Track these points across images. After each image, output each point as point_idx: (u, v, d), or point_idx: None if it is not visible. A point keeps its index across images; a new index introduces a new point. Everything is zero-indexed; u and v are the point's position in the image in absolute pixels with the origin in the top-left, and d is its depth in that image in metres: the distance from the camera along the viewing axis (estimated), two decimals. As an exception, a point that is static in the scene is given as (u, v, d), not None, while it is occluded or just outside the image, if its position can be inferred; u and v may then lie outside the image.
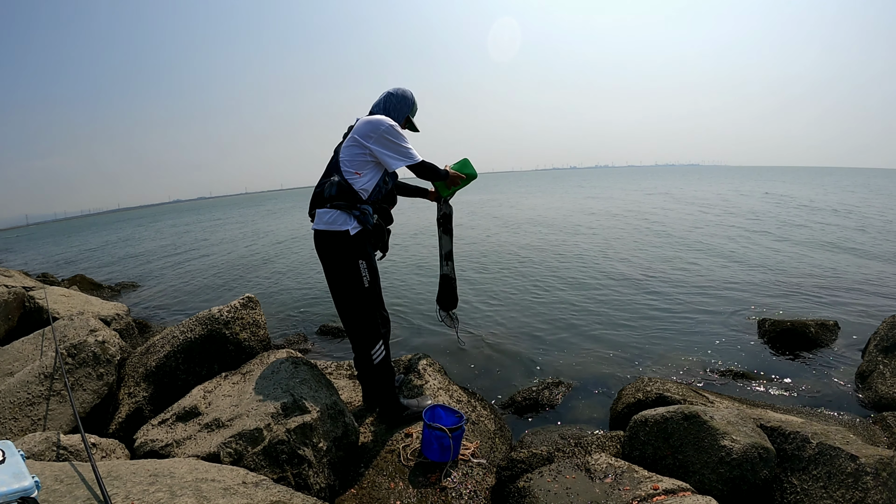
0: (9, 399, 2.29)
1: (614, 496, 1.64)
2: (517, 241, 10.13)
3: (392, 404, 2.28)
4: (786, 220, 11.78)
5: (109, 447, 2.05)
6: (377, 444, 2.17)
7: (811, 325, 3.82)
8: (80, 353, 2.59)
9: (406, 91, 2.26)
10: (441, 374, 2.91)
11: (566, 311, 5.02)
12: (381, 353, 2.21)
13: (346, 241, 2.03)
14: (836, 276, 5.95)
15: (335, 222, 2.03)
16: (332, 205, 2.03)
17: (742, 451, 1.82)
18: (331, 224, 2.03)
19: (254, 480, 1.60)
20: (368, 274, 2.10)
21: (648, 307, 5.00)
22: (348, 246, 2.04)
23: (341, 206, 2.02)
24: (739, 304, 4.96)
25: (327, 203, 2.05)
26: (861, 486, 1.68)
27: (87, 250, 17.07)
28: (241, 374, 2.45)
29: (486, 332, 4.49)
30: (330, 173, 2.10)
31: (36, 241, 28.60)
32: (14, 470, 1.15)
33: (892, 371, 2.89)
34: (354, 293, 2.11)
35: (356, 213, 2.03)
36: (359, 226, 2.04)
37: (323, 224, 2.05)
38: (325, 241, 2.07)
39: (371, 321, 2.16)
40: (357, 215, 2.03)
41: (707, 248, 8.21)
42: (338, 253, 2.06)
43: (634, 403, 2.58)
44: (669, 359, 3.71)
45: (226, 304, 2.86)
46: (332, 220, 2.03)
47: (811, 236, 9.18)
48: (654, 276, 6.33)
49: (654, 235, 9.99)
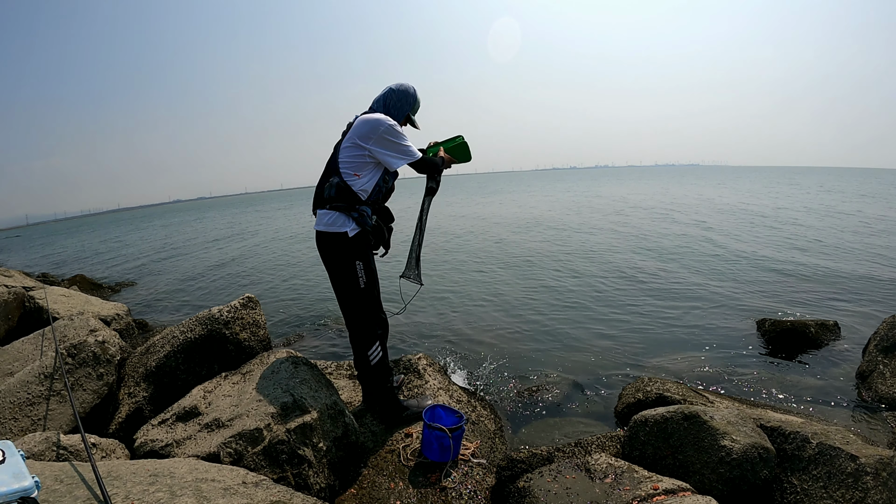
0: (9, 399, 2.29)
1: (614, 496, 1.64)
2: (517, 241, 10.14)
3: (391, 404, 2.28)
4: (786, 221, 11.79)
5: (109, 447, 2.05)
6: (377, 444, 2.17)
7: (811, 325, 3.82)
8: (80, 353, 2.59)
9: (408, 87, 2.19)
10: (441, 374, 2.91)
11: (566, 312, 5.01)
12: (378, 355, 2.21)
13: (345, 243, 2.04)
14: (836, 277, 5.95)
15: (334, 223, 2.03)
16: (332, 206, 2.04)
17: (742, 451, 1.82)
18: (330, 225, 2.04)
19: (254, 480, 1.60)
20: (365, 275, 2.11)
21: (648, 307, 5.00)
22: (346, 247, 2.05)
23: (340, 208, 2.03)
24: (739, 304, 4.96)
25: (327, 204, 2.06)
26: (861, 486, 1.68)
27: (86, 249, 17.08)
28: (241, 374, 2.45)
29: (487, 333, 4.49)
30: (329, 173, 2.10)
31: (36, 241, 28.60)
32: (14, 470, 1.15)
33: (892, 371, 2.89)
34: (351, 294, 2.12)
35: (355, 214, 2.03)
36: (357, 227, 2.05)
37: (323, 225, 2.07)
38: (325, 241, 2.08)
39: (367, 322, 2.17)
40: (356, 217, 2.04)
41: (707, 249, 8.21)
42: (336, 254, 2.08)
43: (634, 403, 2.58)
44: (669, 359, 3.71)
45: (226, 304, 2.86)
46: (331, 222, 2.04)
47: (811, 236, 9.19)
48: (654, 277, 6.33)
49: (654, 235, 9.99)
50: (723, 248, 8.24)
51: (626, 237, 9.93)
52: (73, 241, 23.75)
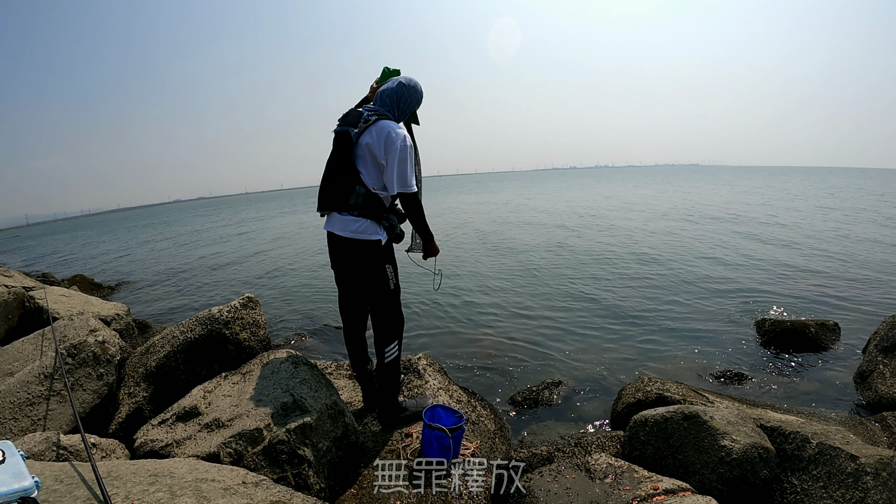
0: (9, 399, 2.29)
1: (614, 496, 1.64)
2: (516, 241, 10.14)
3: (391, 405, 2.28)
4: (785, 221, 11.79)
5: (109, 447, 2.05)
6: (377, 444, 2.17)
7: (811, 325, 3.81)
8: (80, 353, 2.59)
9: (418, 84, 2.20)
10: (441, 374, 2.91)
11: (566, 312, 5.01)
12: (395, 353, 2.24)
13: (377, 250, 2.08)
14: (836, 277, 5.95)
15: (366, 231, 2.05)
16: (361, 213, 2.05)
17: (742, 451, 1.83)
18: (361, 233, 2.05)
19: (254, 480, 1.61)
20: (394, 277, 2.17)
21: (648, 307, 5.00)
22: (379, 254, 2.09)
23: (370, 216, 2.05)
24: (739, 304, 4.96)
25: (354, 211, 2.05)
26: (861, 486, 1.68)
27: (86, 249, 17.07)
28: (241, 374, 2.45)
29: (487, 332, 4.49)
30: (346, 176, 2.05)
31: (36, 240, 28.60)
32: (14, 470, 1.15)
33: (892, 371, 2.89)
34: (382, 295, 2.16)
35: (385, 224, 2.09)
36: (387, 235, 2.11)
37: (350, 232, 2.05)
38: (354, 248, 2.08)
39: (394, 321, 2.22)
40: (386, 226, 2.10)
41: (707, 249, 8.21)
42: (368, 260, 2.09)
43: (634, 403, 2.58)
44: (669, 359, 3.71)
45: (226, 304, 2.86)
46: (362, 229, 2.04)
47: (811, 236, 9.19)
48: (654, 277, 6.33)
49: (653, 235, 9.99)
50: (723, 247, 8.24)
51: (626, 237, 9.93)
52: (72, 241, 23.75)
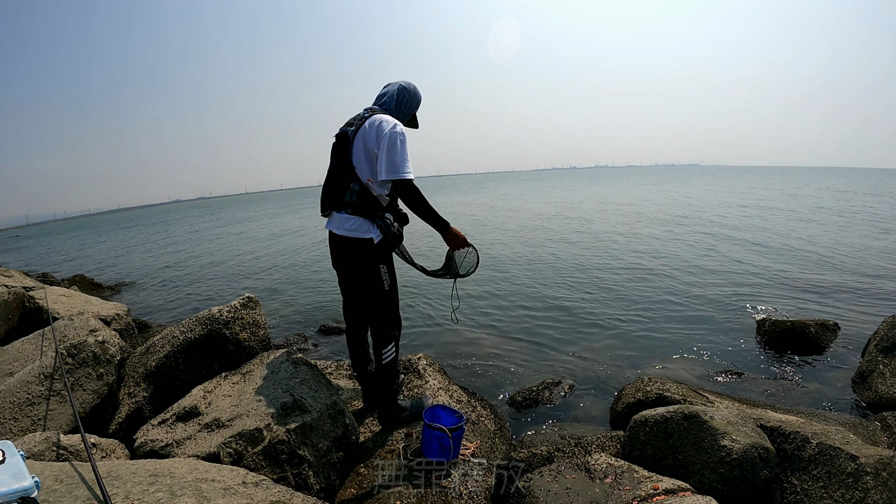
0: (9, 399, 2.29)
1: (614, 496, 1.64)
2: (516, 241, 10.14)
3: (391, 406, 2.28)
4: (785, 221, 11.79)
5: (109, 447, 2.05)
6: (377, 444, 2.17)
7: (811, 325, 3.81)
8: (80, 353, 2.59)
9: (416, 87, 2.23)
10: (441, 374, 2.91)
11: (566, 312, 5.01)
12: (391, 355, 2.22)
13: (370, 249, 2.05)
14: (836, 277, 5.95)
15: (359, 229, 2.03)
16: (355, 211, 2.03)
17: (742, 451, 1.83)
18: (354, 231, 2.03)
19: (254, 480, 1.61)
20: (388, 278, 2.14)
21: (648, 307, 5.00)
22: (371, 253, 2.06)
23: (364, 214, 2.03)
24: (739, 304, 4.96)
25: (349, 209, 2.04)
26: (861, 486, 1.68)
27: (86, 249, 17.08)
28: (241, 374, 2.45)
29: (487, 332, 4.49)
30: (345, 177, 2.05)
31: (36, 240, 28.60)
32: (14, 470, 1.15)
33: (892, 371, 2.89)
34: (375, 296, 2.14)
35: (379, 222, 2.05)
36: (381, 234, 2.07)
37: (345, 230, 2.04)
38: (347, 246, 2.07)
39: (388, 323, 2.20)
40: (380, 225, 2.06)
41: (706, 249, 8.21)
42: (360, 259, 2.08)
43: (634, 403, 2.58)
44: (669, 359, 3.71)
45: (226, 304, 2.86)
46: (355, 228, 2.03)
47: (811, 236, 9.19)
48: (654, 277, 6.33)
49: (652, 236, 9.99)
50: (723, 247, 8.24)
51: (625, 238, 9.93)
52: (72, 241, 23.75)
